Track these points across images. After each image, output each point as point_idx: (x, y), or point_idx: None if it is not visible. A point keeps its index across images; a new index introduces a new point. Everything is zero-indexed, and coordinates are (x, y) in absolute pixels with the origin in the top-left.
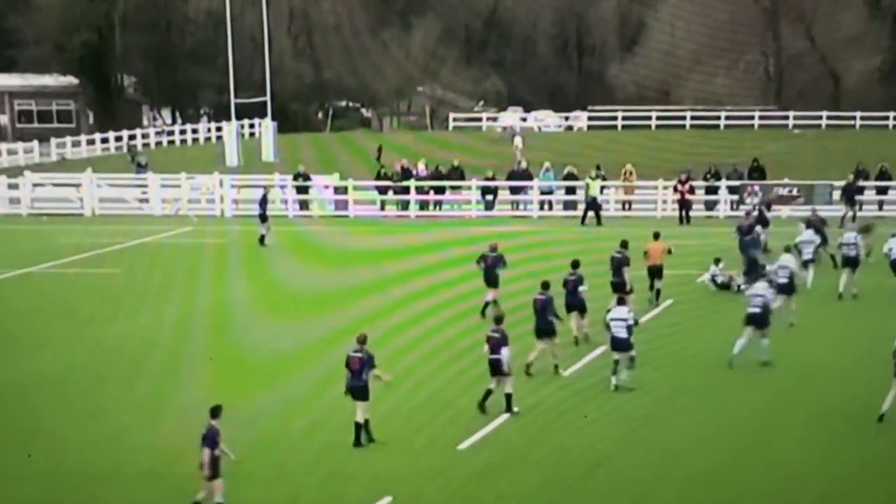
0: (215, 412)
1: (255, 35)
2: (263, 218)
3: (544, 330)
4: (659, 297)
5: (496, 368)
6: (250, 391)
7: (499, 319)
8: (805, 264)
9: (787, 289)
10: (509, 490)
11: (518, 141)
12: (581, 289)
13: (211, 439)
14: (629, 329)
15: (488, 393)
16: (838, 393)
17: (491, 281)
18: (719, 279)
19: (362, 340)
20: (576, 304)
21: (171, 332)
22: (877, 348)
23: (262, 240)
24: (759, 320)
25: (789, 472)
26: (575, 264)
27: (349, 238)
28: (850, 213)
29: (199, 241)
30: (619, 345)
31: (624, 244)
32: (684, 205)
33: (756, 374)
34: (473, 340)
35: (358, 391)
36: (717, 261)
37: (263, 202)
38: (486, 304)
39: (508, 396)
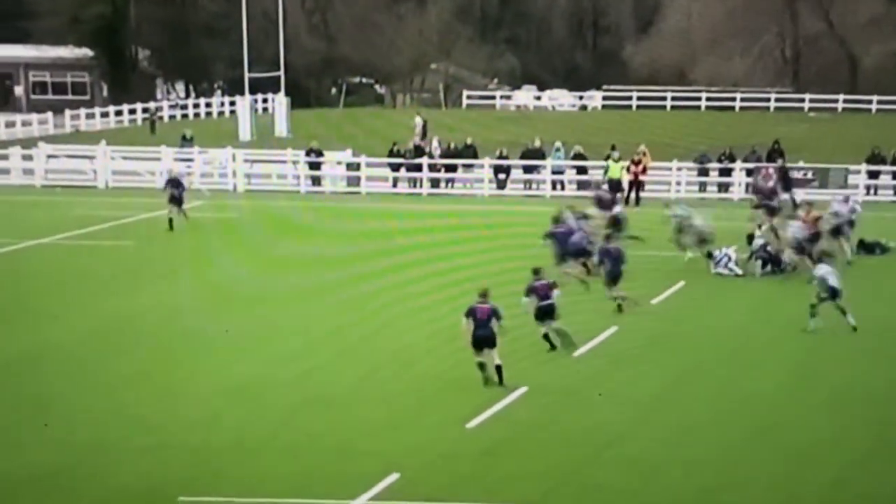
0: None
1: (268, 9)
2: (178, 200)
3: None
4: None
5: (549, 313)
6: (261, 364)
7: (537, 271)
8: None
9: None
10: (517, 469)
11: (418, 120)
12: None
13: None
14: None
15: (551, 343)
16: (854, 374)
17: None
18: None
19: (485, 294)
20: None
21: (184, 304)
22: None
23: (183, 221)
24: None
25: (800, 455)
26: None
27: (361, 214)
28: None
29: (210, 215)
30: (836, 294)
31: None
32: (637, 185)
33: (769, 353)
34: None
35: (486, 340)
36: (710, 255)
37: (176, 183)
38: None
39: (564, 334)
